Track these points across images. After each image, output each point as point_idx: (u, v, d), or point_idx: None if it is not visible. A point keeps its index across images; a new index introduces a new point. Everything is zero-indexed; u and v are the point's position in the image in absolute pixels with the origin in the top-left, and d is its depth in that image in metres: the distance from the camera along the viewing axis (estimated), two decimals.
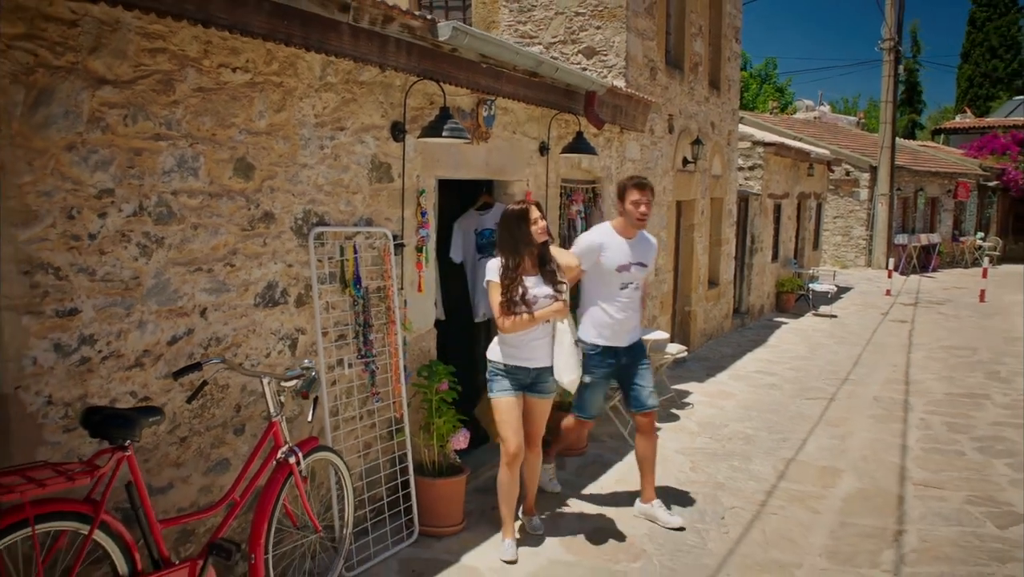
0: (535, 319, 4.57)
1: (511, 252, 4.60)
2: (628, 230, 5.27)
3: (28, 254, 3.00)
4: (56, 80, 3.04)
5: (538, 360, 4.70)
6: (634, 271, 5.24)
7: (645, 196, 5.18)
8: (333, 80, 4.40)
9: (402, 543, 4.79)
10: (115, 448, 2.99)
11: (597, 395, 5.39)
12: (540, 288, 4.62)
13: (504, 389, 4.68)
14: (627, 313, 5.24)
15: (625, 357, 5.28)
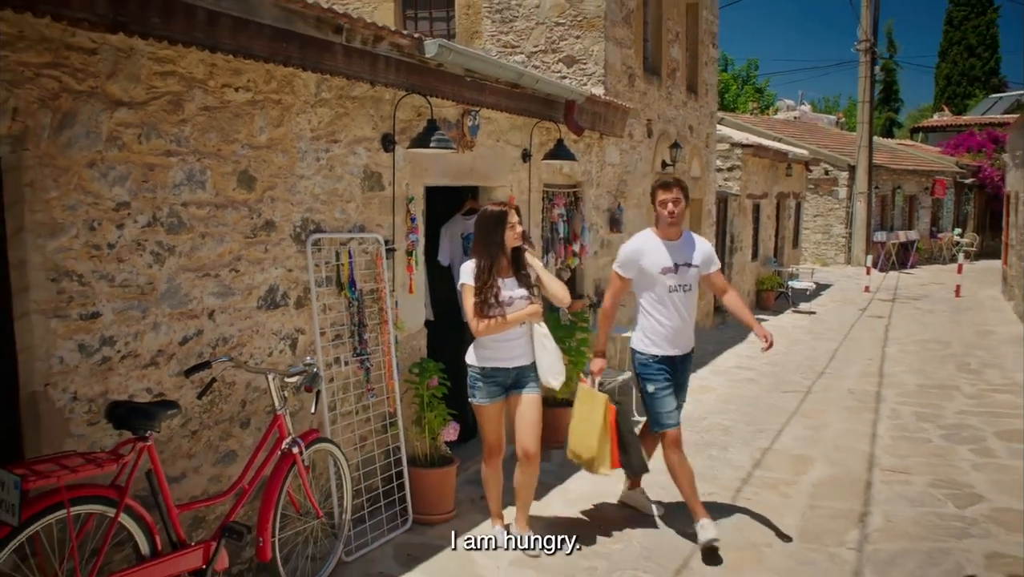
0: (509, 322, 4.57)
1: (485, 254, 4.61)
2: (667, 232, 5.11)
3: (55, 263, 3.29)
4: (78, 104, 3.33)
5: (517, 359, 4.70)
6: (682, 273, 5.06)
7: (671, 194, 5.02)
8: (327, 96, 4.70)
9: (397, 530, 5.09)
10: (137, 439, 3.29)
11: (668, 403, 5.11)
12: (515, 290, 4.63)
13: (485, 396, 4.71)
14: (680, 319, 5.08)
15: (677, 364, 5.17)
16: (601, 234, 8.76)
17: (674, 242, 5.10)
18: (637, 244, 5.15)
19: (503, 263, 4.65)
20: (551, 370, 4.75)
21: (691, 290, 5.11)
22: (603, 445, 5.03)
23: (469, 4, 9.26)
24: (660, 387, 5.08)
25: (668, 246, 5.08)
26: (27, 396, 3.25)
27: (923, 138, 39.72)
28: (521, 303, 4.63)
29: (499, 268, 4.62)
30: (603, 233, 8.81)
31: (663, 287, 5.03)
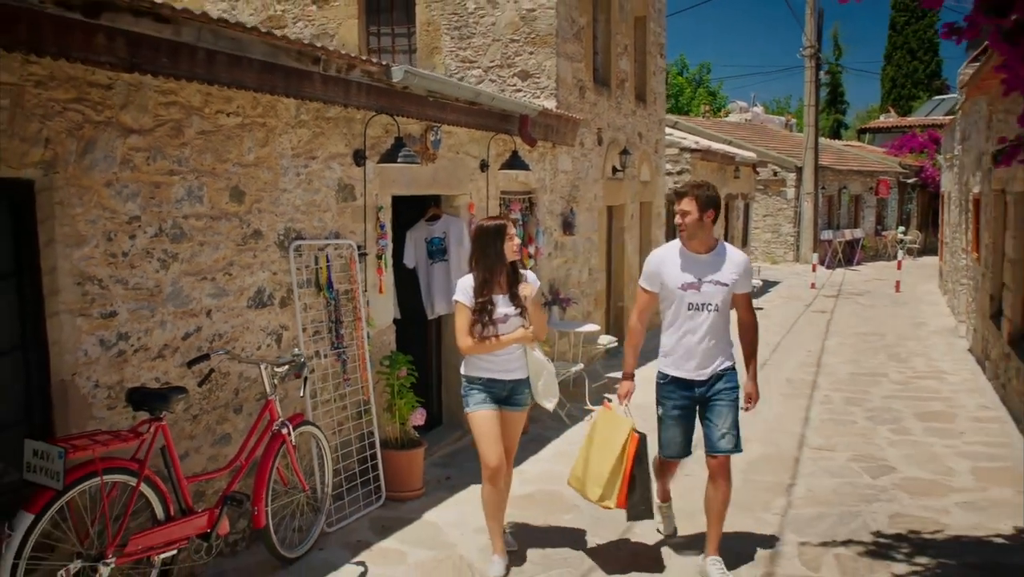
0: (501, 343, 4.56)
1: (484, 268, 4.58)
2: (694, 244, 4.64)
3: (80, 269, 3.83)
4: (98, 132, 3.88)
5: (513, 372, 4.68)
6: (706, 290, 4.59)
7: (681, 204, 4.63)
8: (306, 118, 5.27)
9: (372, 505, 5.67)
10: (153, 419, 3.85)
11: (674, 432, 4.80)
12: (509, 308, 4.60)
13: (480, 403, 4.64)
14: (699, 340, 4.62)
15: (701, 390, 4.69)
16: (555, 237, 9.39)
17: (701, 256, 4.63)
18: (660, 256, 4.79)
19: (501, 278, 4.62)
20: (545, 393, 4.77)
21: (717, 311, 4.60)
22: (615, 477, 4.69)
23: (429, 21, 9.85)
24: (668, 412, 4.77)
25: (692, 260, 4.63)
26: (57, 384, 3.79)
27: (870, 139, 41.04)
28: (515, 320, 4.60)
29: (497, 283, 4.61)
30: (557, 236, 9.45)
31: (682, 304, 4.63)
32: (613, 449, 4.69)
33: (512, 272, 4.68)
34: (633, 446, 4.71)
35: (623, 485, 4.69)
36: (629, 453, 4.70)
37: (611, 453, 4.68)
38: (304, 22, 10.47)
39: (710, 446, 4.67)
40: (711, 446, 4.66)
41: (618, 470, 4.67)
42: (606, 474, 4.67)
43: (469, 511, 5.59)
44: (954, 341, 12.89)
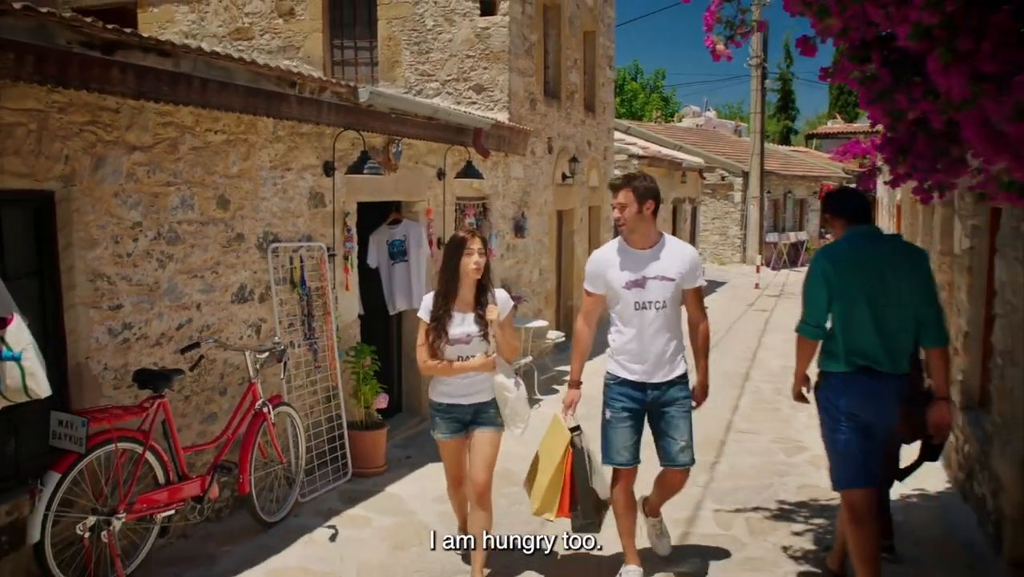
0: (454, 369, 4.41)
1: (445, 282, 4.44)
2: (636, 239, 4.43)
3: (92, 268, 4.46)
4: (107, 150, 4.51)
5: (476, 395, 4.48)
6: (652, 287, 4.36)
7: (617, 198, 4.42)
8: (282, 134, 5.93)
9: (340, 480, 6.34)
10: (156, 396, 4.49)
11: (622, 437, 4.48)
12: (471, 327, 4.40)
13: (444, 433, 4.55)
14: (649, 340, 4.39)
15: (654, 394, 4.45)
16: (507, 239, 10.11)
17: (643, 251, 4.42)
18: (601, 255, 4.58)
19: (463, 294, 4.43)
20: (512, 420, 4.53)
21: (665, 307, 4.37)
22: (553, 488, 4.56)
23: (390, 36, 10.50)
24: (616, 415, 4.48)
25: (634, 256, 4.42)
26: (73, 366, 4.42)
27: (817, 144, 42.33)
28: (477, 342, 4.42)
29: (459, 299, 4.43)
30: (508, 238, 10.16)
31: (628, 304, 4.41)
32: (552, 461, 4.58)
33: (480, 290, 4.44)
34: (569, 459, 4.55)
35: (563, 498, 4.55)
36: (566, 467, 4.54)
37: (550, 465, 4.58)
38: (271, 34, 11.05)
39: (669, 459, 4.51)
40: (670, 459, 4.50)
41: (557, 484, 4.54)
42: (544, 486, 4.57)
43: (428, 485, 6.28)
44: None
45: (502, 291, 4.61)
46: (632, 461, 4.52)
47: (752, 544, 5.38)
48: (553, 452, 4.62)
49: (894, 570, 4.81)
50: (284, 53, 10.86)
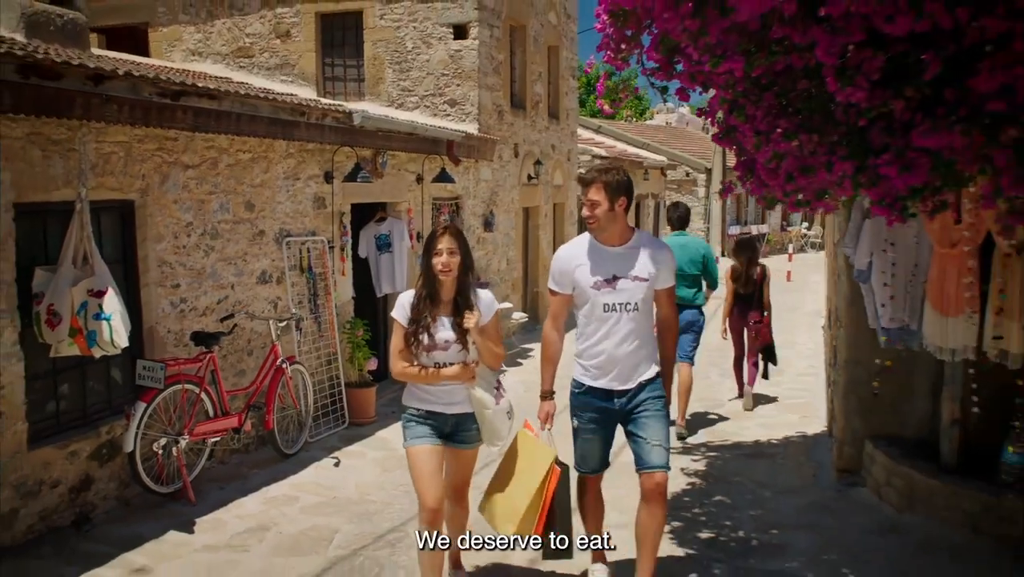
0: (430, 377, 4.04)
1: (424, 281, 4.08)
2: (609, 236, 4.14)
3: (159, 257, 6.02)
4: (170, 169, 6.07)
5: (457, 405, 4.10)
6: (623, 288, 4.08)
7: (589, 194, 4.11)
8: (293, 151, 7.48)
9: (339, 427, 7.91)
10: (208, 351, 6.05)
11: (592, 447, 4.25)
12: (446, 332, 4.03)
13: (419, 436, 4.08)
14: (618, 345, 4.09)
15: (621, 401, 4.12)
16: (477, 234, 11.69)
17: (614, 248, 4.14)
18: (568, 253, 4.27)
19: (440, 296, 4.06)
20: (489, 437, 4.20)
21: (638, 310, 4.10)
22: (531, 514, 4.11)
23: (375, 56, 12.04)
24: (584, 425, 4.24)
25: (605, 255, 4.13)
26: (147, 329, 5.99)
27: None
28: (456, 350, 4.04)
29: (440, 302, 4.06)
30: (479, 233, 11.75)
31: (596, 306, 4.11)
32: (531, 482, 4.11)
33: (462, 291, 4.07)
34: (554, 481, 4.13)
35: (540, 522, 4.11)
36: (549, 488, 4.11)
37: (528, 486, 4.10)
38: (269, 53, 12.56)
39: (641, 462, 4.07)
40: (642, 462, 4.06)
41: (536, 506, 4.09)
42: (522, 510, 4.08)
43: None
44: (817, 320, 15.54)
45: (487, 292, 4.19)
46: (602, 468, 4.32)
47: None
48: (531, 473, 4.14)
49: (755, 466, 6.44)
50: (281, 70, 12.39)
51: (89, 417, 5.63)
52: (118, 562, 4.90)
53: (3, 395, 4.85)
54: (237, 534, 5.39)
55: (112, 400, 5.83)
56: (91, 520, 5.45)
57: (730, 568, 4.79)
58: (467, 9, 11.56)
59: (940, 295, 5.09)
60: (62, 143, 5.17)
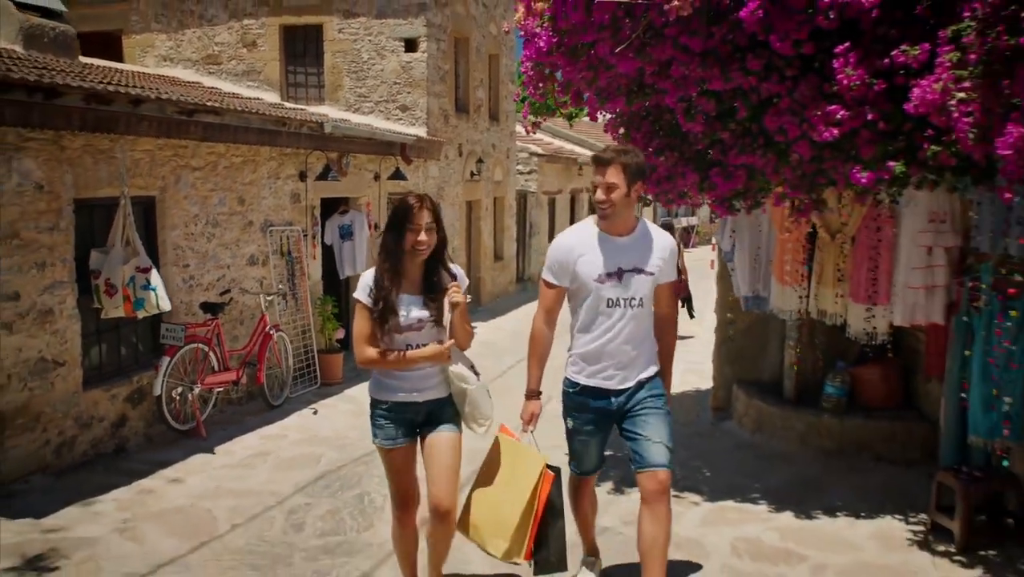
0: (405, 360, 3.70)
1: (385, 260, 3.74)
2: (619, 224, 3.85)
3: (174, 242, 7.48)
4: (181, 170, 7.53)
5: (430, 390, 3.78)
6: (628, 281, 3.80)
7: (606, 176, 3.77)
8: (274, 154, 8.96)
9: (312, 386, 9.43)
10: (214, 318, 7.54)
11: (586, 446, 4.00)
12: (420, 311, 3.73)
13: (388, 438, 3.78)
14: (621, 343, 3.82)
15: (619, 400, 3.85)
16: None
17: (620, 239, 3.85)
18: (570, 241, 3.92)
19: (410, 273, 3.75)
20: (474, 415, 3.85)
21: (641, 306, 3.83)
22: (524, 526, 3.80)
23: (334, 66, 13.48)
24: (578, 427, 3.95)
25: (611, 245, 3.83)
26: None
27: None
28: (429, 329, 3.75)
29: (406, 279, 3.73)
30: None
31: (599, 300, 3.81)
32: (521, 491, 3.79)
33: (430, 268, 3.79)
34: (547, 487, 3.83)
35: (531, 534, 3.81)
36: (541, 497, 3.81)
37: (518, 496, 3.79)
38: (237, 60, 13.91)
39: (641, 460, 3.78)
40: (642, 460, 3.78)
41: (528, 517, 3.79)
42: (513, 524, 3.76)
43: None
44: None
45: (458, 268, 3.91)
46: (595, 469, 4.10)
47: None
48: (519, 481, 3.81)
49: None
50: (248, 76, 13.76)
51: (124, 368, 7.09)
52: (157, 476, 6.38)
53: (66, 348, 6.30)
54: (244, 457, 6.90)
55: (139, 356, 7.29)
56: (126, 449, 6.92)
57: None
58: (417, 25, 13.08)
59: (780, 270, 6.80)
60: (106, 152, 6.61)
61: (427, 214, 3.69)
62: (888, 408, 6.69)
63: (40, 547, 4.98)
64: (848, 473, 6.19)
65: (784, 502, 5.64)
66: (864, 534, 5.09)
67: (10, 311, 5.83)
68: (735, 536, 5.08)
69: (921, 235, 5.56)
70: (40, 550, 4.94)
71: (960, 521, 4.71)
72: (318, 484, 6.23)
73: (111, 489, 5.99)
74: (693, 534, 5.09)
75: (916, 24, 4.17)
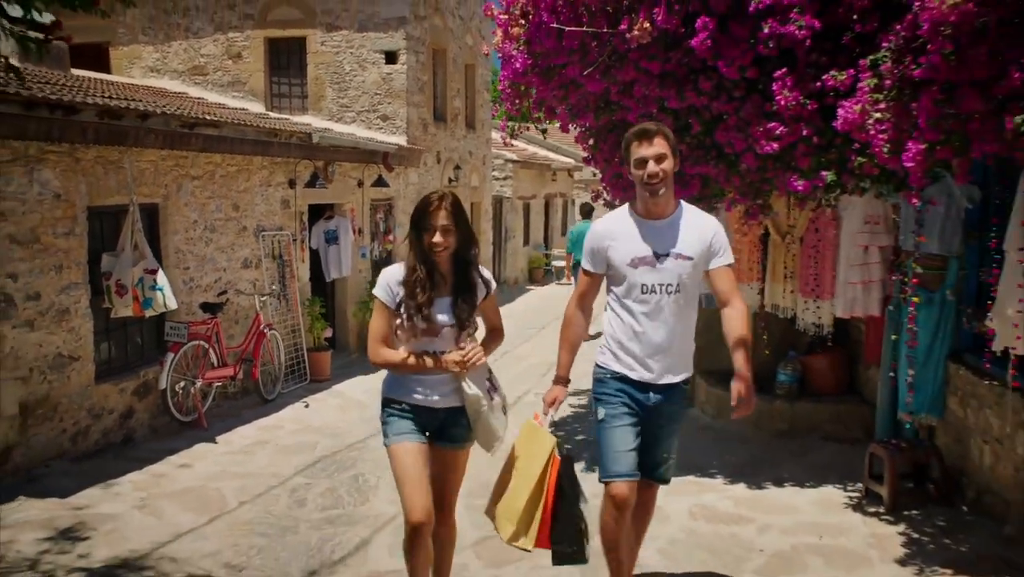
0: (421, 364, 3.55)
1: (412, 258, 3.58)
2: (649, 206, 3.66)
3: (176, 246, 8.02)
4: (182, 179, 8.06)
5: (447, 399, 3.61)
6: (665, 267, 3.61)
7: (650, 147, 3.57)
8: (266, 163, 9.51)
9: (302, 383, 9.97)
10: (213, 318, 8.07)
11: (621, 438, 3.66)
12: (442, 315, 3.56)
13: (402, 432, 3.60)
14: (656, 332, 3.62)
15: (656, 398, 3.68)
16: (406, 228, 13.68)
17: (659, 222, 3.67)
18: (606, 227, 3.78)
19: (444, 273, 3.59)
20: (485, 438, 3.71)
21: (679, 291, 3.63)
22: (531, 510, 3.65)
23: (317, 77, 14.02)
24: (614, 413, 3.68)
25: (647, 228, 3.66)
26: None
27: None
28: (449, 334, 3.58)
29: (434, 280, 3.56)
30: (407, 228, 13.82)
31: (633, 286, 3.65)
32: (531, 475, 3.66)
33: (460, 268, 3.61)
34: (555, 471, 3.67)
35: (543, 520, 3.64)
36: (550, 481, 3.66)
37: (527, 480, 3.66)
38: (222, 72, 14.41)
39: (648, 471, 3.76)
40: (650, 472, 3.77)
41: (536, 501, 3.64)
42: (520, 507, 3.64)
43: (357, 384, 9.98)
44: None
45: (486, 271, 3.74)
46: (632, 473, 3.66)
47: None
48: (531, 464, 3.69)
49: None
50: (233, 87, 14.26)
51: (131, 364, 7.62)
52: (165, 461, 6.90)
53: (80, 344, 6.82)
54: (245, 445, 7.45)
55: (144, 353, 7.82)
56: (133, 439, 7.45)
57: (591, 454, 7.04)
58: (397, 39, 13.65)
59: (737, 268, 7.44)
60: (115, 162, 7.14)
61: (444, 214, 3.49)
62: (835, 393, 7.36)
63: (69, 521, 5.51)
64: (798, 451, 6.84)
65: (739, 476, 6.28)
66: (807, 500, 5.74)
67: (32, 310, 6.35)
68: (693, 503, 5.71)
69: (858, 235, 6.22)
70: (69, 524, 5.47)
71: (888, 486, 5.36)
72: (316, 467, 6.79)
73: (126, 473, 6.51)
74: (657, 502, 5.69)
75: (843, 52, 4.81)
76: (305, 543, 5.18)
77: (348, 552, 5.04)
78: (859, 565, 4.70)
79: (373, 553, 5.04)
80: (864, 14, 4.66)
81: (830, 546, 4.94)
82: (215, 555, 5.02)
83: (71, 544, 5.16)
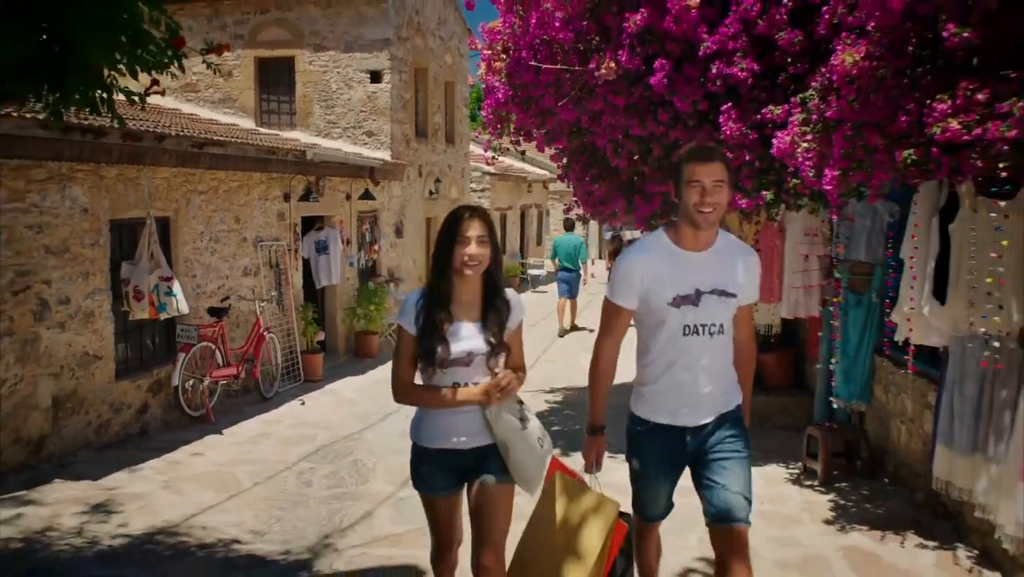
0: (449, 399, 3.22)
1: (436, 277, 3.27)
2: (693, 238, 3.24)
3: (185, 256, 8.74)
4: (190, 194, 8.79)
5: (477, 436, 3.29)
6: (707, 305, 3.23)
7: (713, 174, 3.12)
8: (264, 178, 10.25)
9: (297, 383, 10.69)
10: (219, 321, 8.79)
11: (654, 492, 3.48)
12: (475, 340, 3.23)
13: (435, 487, 3.36)
14: (697, 375, 3.28)
15: (696, 440, 3.33)
16: (391, 239, 14.57)
17: (697, 254, 3.26)
18: (640, 259, 3.29)
19: (462, 297, 3.27)
20: (522, 475, 3.34)
21: (722, 332, 3.29)
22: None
23: (305, 94, 14.76)
24: (646, 469, 3.45)
25: (686, 261, 3.25)
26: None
27: None
28: (480, 363, 3.23)
29: (459, 302, 3.26)
30: (392, 239, 14.63)
31: (673, 327, 3.25)
32: (590, 543, 3.30)
33: (489, 289, 3.31)
34: (619, 540, 3.40)
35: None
36: (611, 551, 3.36)
37: (587, 548, 3.29)
38: (214, 89, 15.10)
39: (716, 514, 3.27)
40: (718, 513, 3.26)
41: (598, 573, 3.30)
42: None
43: (348, 383, 10.72)
44: None
45: (512, 292, 3.41)
46: (666, 514, 3.58)
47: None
48: (586, 531, 3.34)
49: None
50: (224, 104, 14.97)
51: (145, 363, 8.32)
52: (180, 451, 7.62)
53: (103, 344, 7.53)
54: (250, 437, 8.17)
55: (156, 353, 8.53)
56: (148, 432, 8.15)
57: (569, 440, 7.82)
58: (381, 59, 14.43)
59: None
60: (134, 180, 7.86)
61: (478, 224, 3.20)
62: (784, 387, 8.21)
63: (102, 498, 6.23)
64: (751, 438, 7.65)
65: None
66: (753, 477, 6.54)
67: (63, 313, 7.06)
68: None
69: (799, 245, 7.08)
70: (102, 500, 6.19)
71: (822, 462, 6.20)
72: (317, 454, 7.53)
73: (146, 460, 7.22)
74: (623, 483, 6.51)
75: (779, 90, 5.65)
76: (316, 514, 5.93)
77: (355, 521, 5.80)
78: (791, 524, 5.53)
79: (376, 522, 5.79)
80: (796, 57, 5.50)
81: (769, 510, 5.75)
82: (239, 525, 5.75)
83: (108, 516, 5.88)
